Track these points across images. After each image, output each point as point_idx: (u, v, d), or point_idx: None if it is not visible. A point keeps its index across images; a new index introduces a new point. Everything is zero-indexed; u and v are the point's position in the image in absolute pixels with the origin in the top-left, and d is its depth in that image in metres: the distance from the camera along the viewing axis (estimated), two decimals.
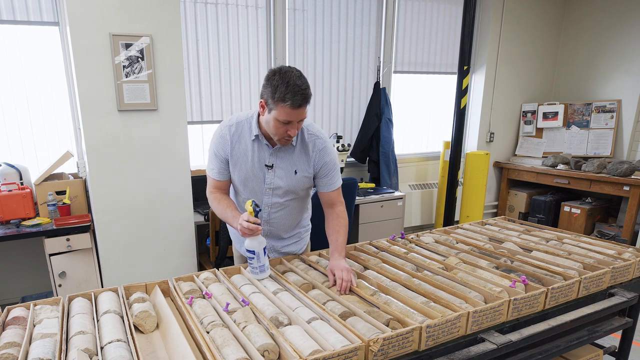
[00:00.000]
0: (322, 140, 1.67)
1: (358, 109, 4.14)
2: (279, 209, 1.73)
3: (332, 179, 1.70)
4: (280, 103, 1.44)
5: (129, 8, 2.51)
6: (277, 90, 1.43)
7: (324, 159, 1.66)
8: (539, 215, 4.55)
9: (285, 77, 1.44)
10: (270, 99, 1.47)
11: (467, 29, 3.69)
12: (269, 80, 1.47)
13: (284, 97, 1.42)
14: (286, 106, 1.44)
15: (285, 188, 1.68)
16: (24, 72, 2.91)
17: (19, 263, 3.11)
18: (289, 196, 1.72)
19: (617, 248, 1.90)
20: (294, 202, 1.75)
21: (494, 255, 1.80)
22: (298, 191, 1.72)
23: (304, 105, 1.47)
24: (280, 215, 1.75)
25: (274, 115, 1.48)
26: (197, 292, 1.47)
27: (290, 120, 1.48)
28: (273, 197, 1.70)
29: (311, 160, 1.66)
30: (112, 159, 2.65)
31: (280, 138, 1.55)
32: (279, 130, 1.51)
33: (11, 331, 1.20)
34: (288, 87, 1.42)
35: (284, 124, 1.49)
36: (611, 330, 1.61)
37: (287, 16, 3.58)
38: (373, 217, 3.57)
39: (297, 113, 1.47)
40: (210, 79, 3.43)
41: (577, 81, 4.79)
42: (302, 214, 1.86)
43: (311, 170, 1.68)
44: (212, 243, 3.01)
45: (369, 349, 1.07)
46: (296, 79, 1.44)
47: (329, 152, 1.68)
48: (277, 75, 1.45)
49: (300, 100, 1.44)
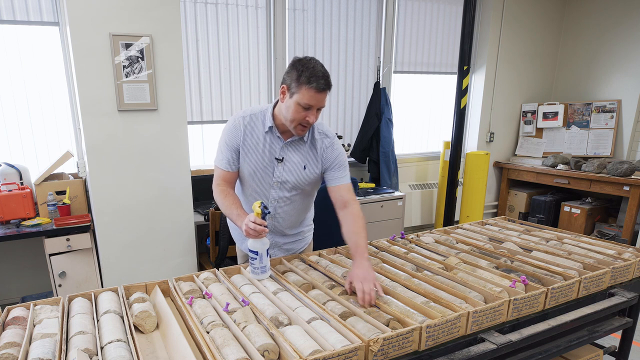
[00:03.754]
0: (330, 139, 1.72)
1: (358, 109, 4.14)
2: (285, 203, 1.74)
3: (342, 173, 1.72)
4: (304, 85, 1.49)
5: (129, 8, 2.51)
6: (303, 75, 1.49)
7: (333, 154, 1.70)
8: (539, 215, 4.51)
9: (310, 63, 1.51)
10: (295, 82, 1.51)
11: (467, 29, 3.69)
12: (294, 65, 1.53)
13: (310, 79, 1.48)
14: (311, 88, 1.48)
15: (293, 183, 1.70)
16: (24, 72, 2.91)
17: (19, 263, 3.11)
18: (296, 191, 1.73)
19: (617, 248, 1.90)
20: (299, 198, 1.76)
21: (494, 255, 1.80)
22: (305, 187, 1.73)
23: (326, 90, 1.52)
24: (286, 211, 1.76)
25: (296, 99, 1.52)
26: (197, 292, 1.47)
27: (311, 105, 1.51)
28: (281, 191, 1.71)
29: (319, 157, 1.70)
30: (112, 159, 2.65)
31: (297, 125, 1.57)
32: (299, 115, 1.54)
33: (11, 331, 1.20)
34: (314, 71, 1.48)
35: (304, 109, 1.53)
36: (611, 330, 1.61)
37: (287, 16, 3.58)
38: (373, 217, 3.57)
39: (319, 98, 1.51)
40: (210, 79, 3.43)
41: (577, 81, 4.79)
42: (306, 212, 1.87)
43: (319, 166, 1.71)
44: (212, 243, 3.01)
45: (369, 349, 1.07)
46: (320, 66, 1.52)
47: (337, 148, 1.72)
48: (302, 62, 1.52)
49: (324, 84, 1.49)
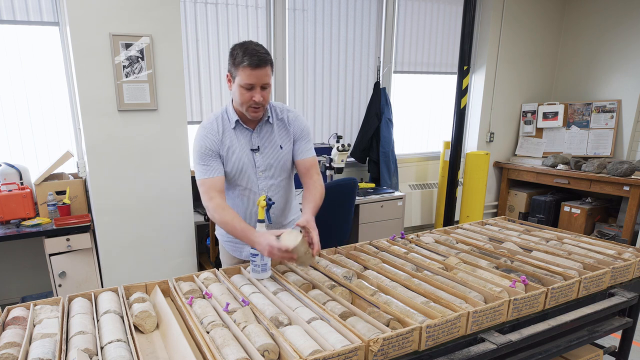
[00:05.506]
0: (293, 112, 1.76)
1: (358, 109, 4.14)
2: (275, 191, 1.76)
3: (308, 145, 1.77)
4: (239, 66, 1.51)
5: (129, 8, 2.51)
6: (237, 56, 1.52)
7: (300, 125, 1.75)
8: (539, 215, 4.51)
9: (243, 45, 1.53)
10: (232, 67, 1.55)
11: (467, 29, 3.69)
12: (231, 52, 1.56)
13: (242, 59, 1.50)
14: (245, 67, 1.50)
15: (277, 166, 1.73)
16: (24, 72, 2.91)
17: (19, 263, 3.11)
18: (281, 175, 1.76)
19: (617, 248, 1.89)
20: (285, 182, 1.79)
21: (494, 255, 1.80)
22: (287, 167, 1.77)
23: (263, 66, 1.51)
24: (278, 199, 1.78)
25: (238, 82, 1.55)
26: (197, 292, 1.46)
27: (252, 83, 1.52)
28: (267, 179, 1.73)
29: (290, 132, 1.74)
30: (112, 159, 2.65)
31: (247, 107, 1.58)
32: (244, 97, 1.55)
33: (11, 331, 1.20)
34: (246, 51, 1.51)
35: (247, 90, 1.54)
36: (611, 330, 1.61)
37: (287, 16, 3.58)
38: (373, 217, 3.57)
39: (257, 74, 1.51)
40: (210, 79, 3.43)
41: (577, 81, 4.79)
42: (292, 195, 1.90)
43: (292, 141, 1.75)
44: (212, 243, 3.01)
45: (369, 349, 1.07)
46: (255, 45, 1.53)
47: (302, 120, 1.77)
48: (237, 46, 1.55)
49: (258, 61, 1.49)
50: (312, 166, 1.76)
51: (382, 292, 1.43)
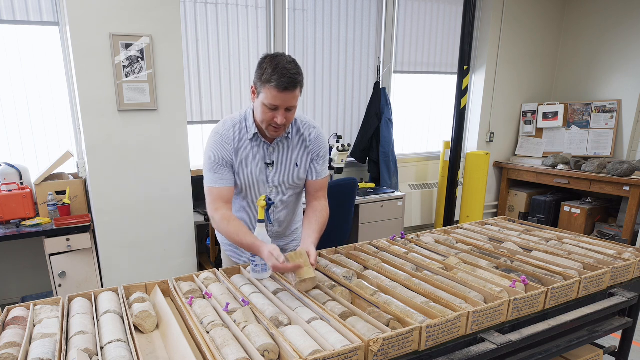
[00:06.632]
0: (316, 129, 1.67)
1: (358, 109, 4.14)
2: (283, 207, 1.71)
3: (322, 166, 1.70)
4: (266, 85, 1.41)
5: (129, 8, 2.51)
6: (266, 73, 1.41)
7: (320, 146, 1.68)
8: (539, 215, 4.51)
9: (275, 60, 1.42)
10: (259, 82, 1.45)
11: (467, 29, 3.69)
12: (260, 64, 1.46)
13: (270, 78, 1.40)
14: (272, 87, 1.40)
15: (289, 183, 1.67)
16: (24, 72, 2.91)
17: (19, 263, 3.11)
18: (292, 191, 1.70)
19: (617, 248, 1.89)
20: (295, 198, 1.74)
21: (494, 255, 1.80)
22: (300, 184, 1.71)
23: (291, 89, 1.41)
24: (285, 213, 1.73)
25: (262, 99, 1.46)
26: (197, 292, 1.46)
27: (276, 105, 1.43)
28: (277, 195, 1.67)
29: (309, 150, 1.66)
30: (112, 159, 2.65)
31: (267, 126, 1.50)
32: (266, 115, 1.47)
33: (11, 331, 1.20)
34: (276, 69, 1.40)
35: (270, 110, 1.45)
36: (611, 330, 1.61)
37: (287, 16, 3.58)
38: (373, 217, 3.57)
39: (284, 97, 1.42)
40: (210, 79, 3.43)
41: (577, 81, 4.79)
42: (299, 207, 1.85)
43: (310, 159, 1.68)
44: (212, 243, 3.02)
45: (369, 349, 1.07)
46: (286, 63, 1.41)
47: (323, 140, 1.69)
48: (267, 59, 1.44)
49: (287, 83, 1.39)
50: (322, 188, 1.70)
51: (382, 292, 1.43)
